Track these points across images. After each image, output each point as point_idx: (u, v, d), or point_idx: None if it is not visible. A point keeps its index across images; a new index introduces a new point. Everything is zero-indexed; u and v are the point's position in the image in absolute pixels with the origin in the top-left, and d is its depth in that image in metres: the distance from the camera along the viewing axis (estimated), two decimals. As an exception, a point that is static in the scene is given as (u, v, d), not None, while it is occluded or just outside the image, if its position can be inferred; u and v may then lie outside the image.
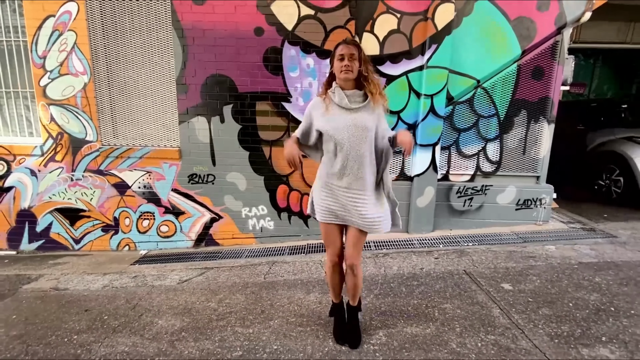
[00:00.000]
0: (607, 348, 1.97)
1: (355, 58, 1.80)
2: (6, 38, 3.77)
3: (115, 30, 3.65)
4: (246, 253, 3.70)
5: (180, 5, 3.51)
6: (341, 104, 1.84)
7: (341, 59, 1.80)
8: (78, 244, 4.02)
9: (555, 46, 3.68)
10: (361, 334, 2.12)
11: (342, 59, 1.79)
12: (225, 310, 2.55)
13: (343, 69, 1.79)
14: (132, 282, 3.14)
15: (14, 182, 3.91)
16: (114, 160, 3.82)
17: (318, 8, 3.49)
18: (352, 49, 1.80)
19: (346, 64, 1.78)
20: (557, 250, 3.29)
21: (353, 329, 2.11)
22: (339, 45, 1.83)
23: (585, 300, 2.45)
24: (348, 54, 1.78)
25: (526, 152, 3.90)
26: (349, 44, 1.82)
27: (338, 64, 1.81)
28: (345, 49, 1.79)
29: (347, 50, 1.79)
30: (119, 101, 3.78)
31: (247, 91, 3.65)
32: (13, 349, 2.22)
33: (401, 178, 3.85)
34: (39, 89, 3.70)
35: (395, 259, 3.28)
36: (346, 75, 1.80)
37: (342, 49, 1.80)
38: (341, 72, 1.80)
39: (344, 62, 1.79)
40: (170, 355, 2.09)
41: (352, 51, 1.79)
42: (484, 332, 2.16)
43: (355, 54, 1.79)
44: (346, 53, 1.79)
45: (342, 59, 1.79)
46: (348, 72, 1.79)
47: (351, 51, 1.79)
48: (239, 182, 3.84)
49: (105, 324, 2.45)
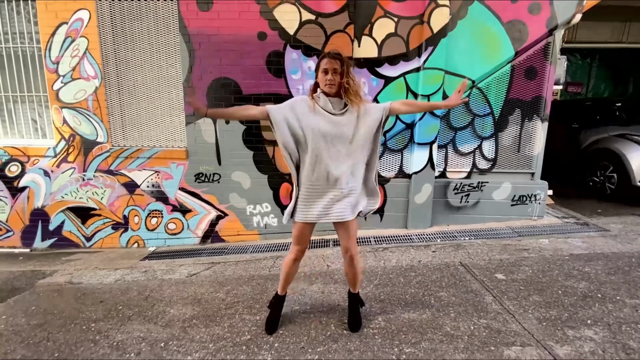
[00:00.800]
0: (591, 330, 2.10)
1: (338, 72, 1.90)
2: (20, 45, 3.94)
3: (125, 36, 3.82)
4: (251, 249, 3.85)
5: (186, 11, 3.68)
6: (326, 107, 1.96)
7: (325, 73, 1.91)
8: (89, 241, 4.19)
9: (548, 47, 3.82)
10: (361, 319, 2.27)
11: (326, 73, 1.90)
12: (232, 300, 2.70)
13: (327, 82, 1.91)
14: (142, 276, 3.29)
15: (28, 183, 4.08)
16: (124, 161, 3.98)
17: (318, 13, 3.65)
18: (336, 63, 1.89)
19: (329, 78, 1.89)
20: (550, 243, 3.42)
21: (354, 315, 2.25)
22: (324, 59, 1.92)
23: (574, 288, 2.58)
24: (331, 68, 1.89)
25: (521, 149, 4.03)
26: (333, 58, 1.91)
27: (322, 76, 1.92)
28: (329, 64, 1.89)
29: (330, 65, 1.89)
30: (128, 104, 3.95)
31: (251, 93, 3.81)
32: (35, 336, 2.37)
33: (400, 175, 4.00)
34: (52, 93, 3.88)
35: (394, 252, 3.42)
36: (329, 89, 1.93)
37: (326, 64, 1.90)
38: (325, 85, 1.92)
39: (327, 76, 1.90)
40: (182, 339, 2.24)
41: (335, 65, 1.89)
42: (477, 317, 2.29)
43: (338, 68, 1.89)
44: (330, 68, 1.89)
45: (326, 73, 1.90)
46: (332, 86, 1.91)
47: (334, 66, 1.89)
48: (244, 181, 3.99)
49: (120, 313, 2.60)
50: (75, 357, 2.12)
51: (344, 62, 1.93)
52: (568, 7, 3.66)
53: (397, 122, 3.85)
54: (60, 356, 2.14)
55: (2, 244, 4.24)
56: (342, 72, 1.91)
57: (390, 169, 4.02)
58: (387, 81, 3.79)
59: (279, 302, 2.32)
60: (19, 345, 2.26)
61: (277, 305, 2.32)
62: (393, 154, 3.98)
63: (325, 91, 1.95)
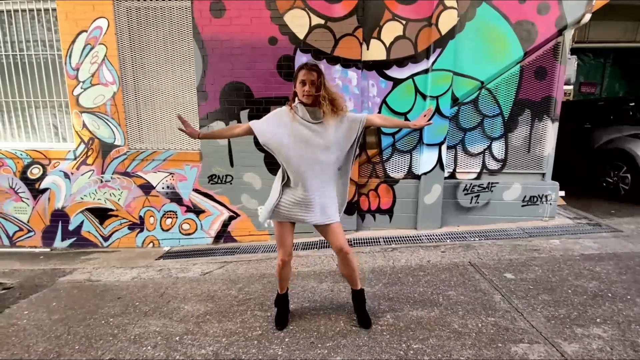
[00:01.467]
0: (600, 328, 2.10)
1: (315, 83, 1.97)
2: (42, 52, 4.13)
3: (141, 43, 3.97)
4: (262, 248, 3.93)
5: (200, 18, 3.80)
6: (304, 117, 2.04)
7: (303, 84, 1.98)
8: (107, 241, 4.33)
9: (557, 47, 3.81)
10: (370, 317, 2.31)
11: (303, 84, 1.97)
12: (244, 297, 2.77)
13: (304, 93, 1.98)
14: (158, 274, 3.40)
15: (49, 184, 4.25)
16: (140, 163, 4.12)
17: (328, 17, 3.73)
18: (313, 75, 1.97)
19: (307, 89, 1.97)
20: (560, 243, 3.40)
21: (362, 314, 2.29)
22: (302, 70, 1.99)
23: (584, 287, 2.57)
24: (309, 80, 1.96)
25: (531, 150, 4.02)
26: (311, 69, 1.98)
27: (300, 87, 1.99)
28: (307, 76, 1.96)
29: (308, 76, 1.96)
30: (144, 108, 4.10)
31: (262, 97, 3.90)
32: (57, 330, 2.49)
33: (409, 176, 4.03)
34: (72, 98, 4.04)
35: (403, 252, 3.45)
36: (307, 99, 2.00)
37: (304, 75, 1.97)
38: (303, 95, 2.00)
39: (305, 87, 1.97)
40: (196, 334, 2.32)
41: (312, 77, 1.96)
42: (485, 315, 2.31)
43: (315, 80, 1.97)
44: (307, 79, 1.96)
45: (304, 84, 1.97)
46: (309, 97, 1.99)
47: (312, 77, 1.96)
48: (255, 182, 4.08)
49: (137, 309, 2.71)
50: (95, 350, 2.22)
51: (321, 74, 2.01)
52: (577, 7, 3.66)
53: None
54: (80, 349, 2.25)
55: (24, 243, 4.42)
56: (319, 84, 1.98)
57: (399, 170, 4.05)
58: (395, 83, 3.84)
59: (282, 299, 2.41)
60: (41, 339, 2.37)
61: (282, 303, 2.41)
62: (402, 154, 4.02)
63: (302, 101, 2.02)
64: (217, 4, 3.76)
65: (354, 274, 2.24)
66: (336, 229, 2.14)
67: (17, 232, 4.41)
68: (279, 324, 2.33)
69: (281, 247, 2.22)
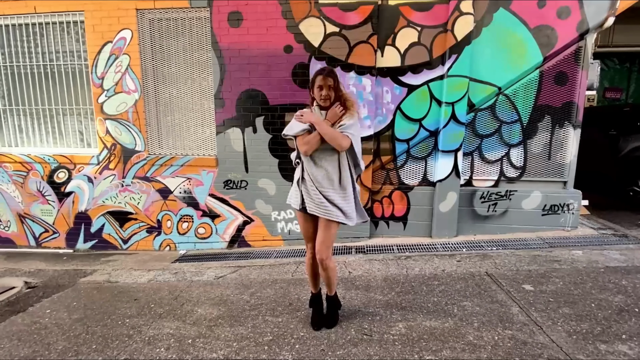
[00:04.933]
0: (626, 345, 1.99)
1: (332, 87, 2.12)
2: (70, 62, 4.33)
3: (162, 53, 4.12)
4: (275, 254, 3.95)
5: (218, 28, 3.91)
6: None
7: (320, 89, 2.13)
8: (126, 243, 4.46)
9: (579, 52, 3.70)
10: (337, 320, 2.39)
11: (320, 89, 2.13)
12: (256, 302, 2.79)
13: (322, 97, 2.13)
14: (173, 277, 3.47)
15: (74, 188, 4.43)
16: (159, 168, 4.24)
17: (342, 25, 3.76)
18: (329, 80, 2.11)
19: (324, 93, 2.12)
20: (584, 255, 3.26)
21: (331, 314, 2.39)
22: (318, 76, 2.13)
23: (608, 301, 2.45)
24: (326, 85, 2.11)
25: (551, 157, 3.90)
26: (327, 75, 2.11)
27: (317, 92, 2.14)
28: (323, 81, 2.11)
29: (324, 82, 2.11)
30: (164, 115, 4.23)
31: (277, 104, 3.96)
32: (75, 329, 2.57)
33: (424, 183, 3.98)
34: (97, 106, 4.22)
35: (417, 261, 3.39)
36: (324, 103, 2.16)
37: (321, 81, 2.11)
38: (320, 99, 2.15)
39: (322, 91, 2.12)
40: (208, 337, 2.34)
41: (329, 82, 2.11)
42: (502, 327, 2.24)
43: (331, 84, 2.11)
44: (324, 85, 2.11)
45: (321, 89, 2.12)
46: (326, 100, 2.15)
47: (328, 82, 2.11)
48: (269, 188, 4.12)
49: (152, 311, 2.76)
50: (111, 350, 2.27)
51: (336, 78, 2.15)
52: (599, 10, 3.55)
53: (420, 130, 3.86)
54: (97, 348, 2.31)
55: (49, 244, 4.61)
56: (335, 87, 2.13)
57: (414, 177, 4.01)
58: (410, 89, 3.82)
59: (316, 299, 2.46)
60: (61, 337, 2.45)
61: (316, 303, 2.46)
62: (416, 161, 3.97)
63: (320, 105, 2.18)
64: (235, 14, 3.86)
65: (329, 281, 2.31)
66: (320, 228, 2.20)
67: (43, 234, 4.60)
68: (314, 324, 2.38)
69: (308, 241, 2.34)
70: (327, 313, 2.41)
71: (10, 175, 4.49)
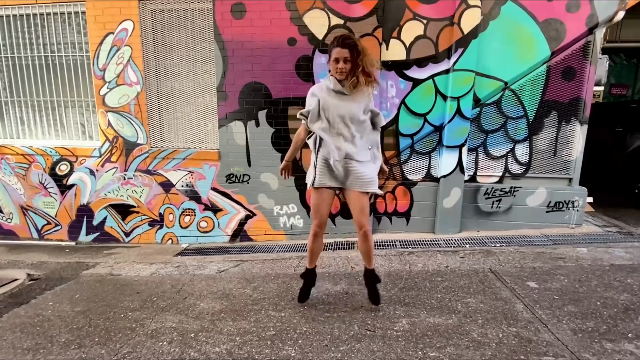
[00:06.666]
0: (632, 344, 1.97)
1: (349, 59, 2.06)
2: (72, 54, 4.29)
3: (164, 45, 4.07)
4: (277, 248, 3.94)
5: (221, 20, 3.86)
6: (336, 89, 2.17)
7: (336, 61, 2.08)
8: (128, 236, 4.46)
9: (587, 46, 3.64)
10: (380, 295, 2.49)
11: (337, 62, 2.08)
12: (259, 296, 2.78)
13: (338, 70, 2.10)
14: (175, 270, 3.46)
15: (76, 181, 4.42)
16: (161, 161, 4.22)
17: (347, 17, 3.71)
18: (345, 52, 2.05)
19: (340, 66, 2.08)
20: (588, 252, 3.24)
21: (376, 291, 2.47)
22: (335, 48, 2.07)
23: (614, 299, 2.43)
24: (342, 57, 2.06)
25: (557, 153, 3.86)
26: (344, 47, 2.05)
27: (334, 65, 2.10)
28: (340, 53, 2.06)
29: (341, 54, 2.06)
30: (166, 108, 4.19)
31: (280, 97, 3.92)
32: (78, 322, 2.56)
33: (427, 179, 3.94)
34: (99, 98, 4.19)
35: (420, 257, 3.37)
36: (340, 76, 2.13)
37: (337, 53, 2.06)
38: (336, 72, 2.12)
39: (338, 64, 2.08)
40: (211, 331, 2.33)
41: (345, 55, 2.05)
42: (506, 325, 2.22)
43: (348, 57, 2.06)
44: (340, 57, 2.06)
45: (337, 62, 2.08)
46: (342, 73, 2.11)
47: (344, 55, 2.05)
48: (272, 182, 4.10)
49: (154, 304, 2.76)
50: (114, 343, 2.27)
51: (355, 49, 2.07)
52: (610, 4, 3.48)
53: (424, 124, 3.82)
54: (100, 341, 2.30)
55: (51, 237, 4.61)
56: (352, 60, 2.06)
57: (418, 172, 3.97)
58: (415, 83, 3.77)
59: (309, 274, 2.57)
60: (63, 330, 2.45)
61: (309, 277, 2.57)
62: (420, 156, 3.94)
63: (336, 77, 2.14)
64: (238, 5, 3.81)
65: (369, 254, 2.38)
66: (356, 200, 2.24)
67: (45, 226, 4.60)
68: (300, 297, 2.53)
69: (316, 216, 2.35)
70: (372, 290, 2.46)
71: (13, 167, 4.48)
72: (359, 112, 2.18)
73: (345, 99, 2.17)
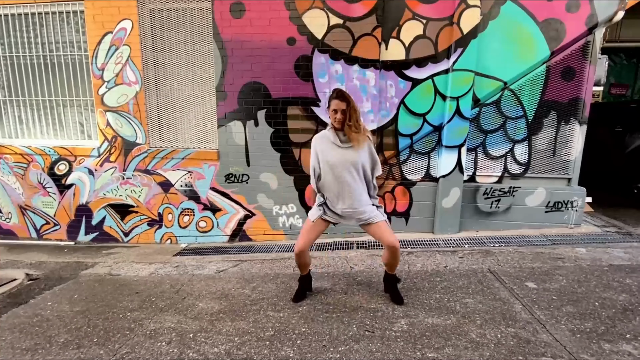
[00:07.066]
0: (630, 344, 1.98)
1: (346, 111, 2.31)
2: (70, 53, 4.28)
3: (163, 44, 4.06)
4: (276, 248, 3.94)
5: (220, 19, 3.85)
6: (335, 142, 2.39)
7: (335, 112, 2.33)
8: (127, 236, 4.45)
9: (587, 46, 3.64)
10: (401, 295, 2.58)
11: (335, 112, 2.33)
12: (258, 296, 2.78)
13: (337, 119, 2.34)
14: (174, 270, 3.46)
15: (75, 180, 4.41)
16: (160, 161, 4.21)
17: (346, 17, 3.70)
18: (343, 104, 2.31)
19: (338, 117, 2.32)
20: (587, 252, 3.24)
21: (395, 292, 2.60)
22: (334, 100, 2.33)
23: (612, 300, 2.43)
24: (340, 109, 2.31)
25: (556, 153, 3.86)
26: (341, 100, 2.31)
27: (332, 114, 2.35)
28: (338, 105, 2.31)
29: (339, 106, 2.31)
30: (165, 107, 4.19)
31: (279, 97, 3.91)
32: (77, 322, 2.57)
33: (426, 179, 3.94)
34: (97, 98, 4.18)
35: (419, 257, 3.37)
36: (338, 125, 2.36)
37: (336, 105, 2.32)
38: (335, 121, 2.36)
39: (337, 115, 2.32)
40: (210, 331, 2.34)
41: (342, 107, 2.31)
42: (505, 325, 2.22)
43: (345, 109, 2.31)
44: (338, 108, 2.31)
45: (336, 112, 2.32)
46: (340, 122, 2.34)
47: (342, 107, 2.31)
48: (271, 182, 4.10)
49: (153, 304, 2.76)
50: (112, 343, 2.27)
51: (350, 103, 2.33)
52: (609, 4, 3.47)
53: (424, 124, 3.81)
54: (98, 341, 2.30)
55: (50, 236, 4.61)
56: (348, 112, 2.32)
57: (417, 172, 3.97)
58: (414, 83, 3.76)
59: (304, 278, 2.71)
60: (62, 330, 2.45)
61: (303, 281, 2.71)
62: (420, 156, 3.94)
63: (334, 126, 2.39)
64: (237, 5, 3.80)
65: (394, 265, 2.55)
66: (377, 228, 2.43)
67: (44, 226, 4.59)
68: (296, 298, 2.66)
69: (302, 237, 2.50)
70: (394, 293, 2.59)
71: (11, 166, 4.48)
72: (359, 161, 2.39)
73: (346, 150, 2.38)
